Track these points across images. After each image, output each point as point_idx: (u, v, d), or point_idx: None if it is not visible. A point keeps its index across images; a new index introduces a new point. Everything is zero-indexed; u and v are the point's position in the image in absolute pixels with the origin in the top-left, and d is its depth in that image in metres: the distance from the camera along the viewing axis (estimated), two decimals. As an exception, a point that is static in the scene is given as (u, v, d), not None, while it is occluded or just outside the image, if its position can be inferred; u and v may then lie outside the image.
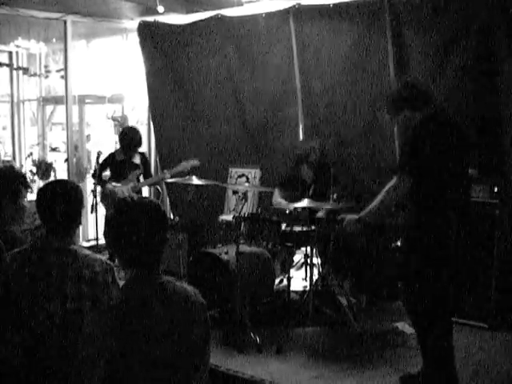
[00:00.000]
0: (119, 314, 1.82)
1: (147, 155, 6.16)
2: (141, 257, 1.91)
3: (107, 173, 5.95)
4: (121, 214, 1.95)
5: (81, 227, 7.22)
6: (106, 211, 5.75)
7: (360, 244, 4.79)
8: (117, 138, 7.22)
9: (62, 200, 2.41)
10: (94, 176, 5.84)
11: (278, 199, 5.18)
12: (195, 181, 4.87)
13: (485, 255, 4.26)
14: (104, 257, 2.48)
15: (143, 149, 7.31)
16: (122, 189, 5.78)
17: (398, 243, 4.20)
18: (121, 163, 5.85)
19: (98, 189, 5.80)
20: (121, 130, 6.16)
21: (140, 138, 5.87)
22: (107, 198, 5.79)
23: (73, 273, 2.30)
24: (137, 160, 5.93)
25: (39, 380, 2.23)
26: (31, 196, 5.87)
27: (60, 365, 2.23)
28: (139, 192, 5.93)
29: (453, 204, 3.30)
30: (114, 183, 5.81)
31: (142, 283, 1.89)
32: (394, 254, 4.68)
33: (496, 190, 4.28)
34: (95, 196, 5.76)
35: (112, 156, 5.93)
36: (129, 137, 5.80)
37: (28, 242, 2.56)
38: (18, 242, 2.69)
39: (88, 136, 7.97)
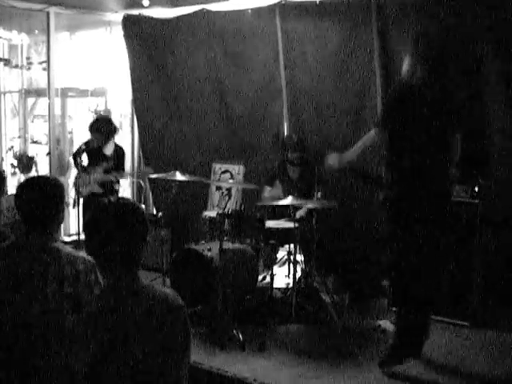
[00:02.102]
0: (99, 320, 1.79)
1: (123, 149, 5.96)
2: (119, 262, 1.87)
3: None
4: (99, 217, 1.89)
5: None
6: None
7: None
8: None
9: (43, 197, 2.35)
10: (74, 159, 5.75)
11: (266, 196, 5.18)
12: (178, 176, 4.84)
13: (466, 254, 4.29)
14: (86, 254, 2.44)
15: (127, 142, 7.28)
16: (88, 178, 5.64)
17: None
18: (93, 151, 5.68)
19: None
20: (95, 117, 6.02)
21: (110, 129, 5.71)
22: (76, 185, 5.63)
23: (55, 271, 2.26)
24: (108, 151, 5.75)
25: (19, 380, 2.19)
26: (11, 190, 5.80)
27: (40, 364, 2.20)
28: (103, 184, 5.72)
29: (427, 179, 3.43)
30: (86, 172, 5.67)
31: (120, 289, 1.86)
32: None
33: (477, 189, 4.32)
34: (77, 190, 5.71)
35: (87, 143, 5.70)
36: (99, 125, 5.68)
37: (9, 237, 2.52)
38: (1, 236, 2.66)
39: (71, 132, 7.89)
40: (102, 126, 5.68)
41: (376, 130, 3.51)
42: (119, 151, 5.86)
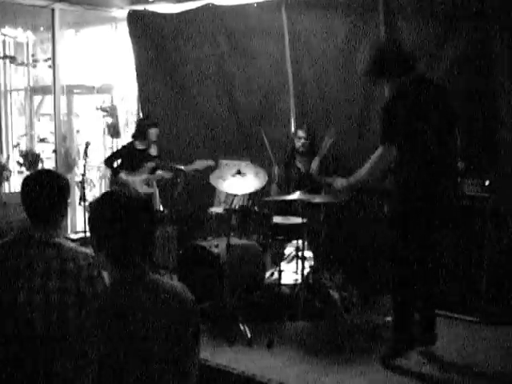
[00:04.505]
0: (108, 314, 1.77)
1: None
2: (126, 254, 1.85)
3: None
4: (104, 210, 1.88)
5: (69, 219, 7.15)
6: None
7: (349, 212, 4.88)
8: (105, 128, 7.16)
9: (47, 191, 2.34)
10: (106, 163, 5.81)
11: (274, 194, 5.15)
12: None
13: (475, 249, 4.25)
14: (89, 250, 2.40)
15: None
16: (134, 179, 5.66)
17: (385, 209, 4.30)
18: (138, 152, 5.75)
19: (108, 175, 5.74)
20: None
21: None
22: (118, 187, 5.64)
23: (56, 266, 2.23)
24: (154, 152, 5.86)
25: (21, 377, 2.17)
26: (17, 187, 5.79)
27: (44, 361, 2.18)
28: (149, 184, 5.84)
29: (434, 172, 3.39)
30: (126, 173, 5.67)
31: (130, 283, 1.84)
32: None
33: (487, 183, 4.27)
34: (83, 187, 5.70)
35: (131, 144, 5.82)
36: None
37: (11, 234, 2.50)
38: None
39: (78, 131, 7.89)
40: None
41: (383, 147, 3.45)
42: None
